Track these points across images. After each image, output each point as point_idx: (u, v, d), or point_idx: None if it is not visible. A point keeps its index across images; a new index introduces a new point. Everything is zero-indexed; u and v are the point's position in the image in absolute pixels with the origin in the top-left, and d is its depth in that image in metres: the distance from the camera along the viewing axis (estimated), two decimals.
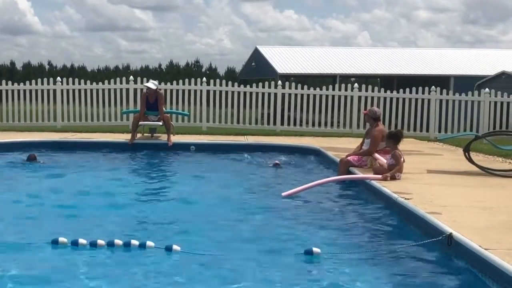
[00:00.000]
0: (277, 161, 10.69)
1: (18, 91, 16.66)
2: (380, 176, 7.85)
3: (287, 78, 30.80)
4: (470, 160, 9.14)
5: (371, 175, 8.05)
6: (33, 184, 8.67)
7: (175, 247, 5.05)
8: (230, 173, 10.03)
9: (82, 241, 5.13)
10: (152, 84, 13.14)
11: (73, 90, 16.73)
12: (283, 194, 7.65)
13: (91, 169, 10.15)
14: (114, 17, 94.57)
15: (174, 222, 6.39)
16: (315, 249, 5.05)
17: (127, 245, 5.10)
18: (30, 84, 16.74)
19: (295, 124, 16.99)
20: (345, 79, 33.34)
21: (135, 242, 5.12)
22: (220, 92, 16.97)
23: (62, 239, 5.15)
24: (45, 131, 14.90)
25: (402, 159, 8.10)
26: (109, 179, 9.27)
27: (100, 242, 5.11)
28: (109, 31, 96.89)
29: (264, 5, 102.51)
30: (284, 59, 35.08)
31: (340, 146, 11.95)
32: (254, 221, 6.48)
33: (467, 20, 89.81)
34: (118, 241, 5.12)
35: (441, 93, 16.77)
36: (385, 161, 8.35)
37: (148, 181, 9.56)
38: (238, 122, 16.96)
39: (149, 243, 5.12)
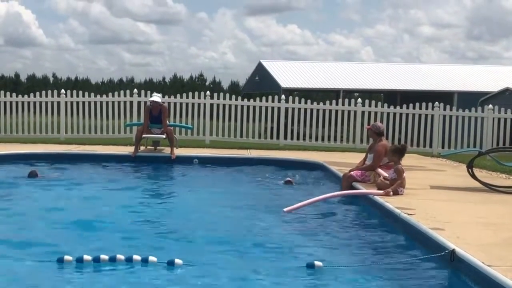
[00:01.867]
0: (289, 178, 10.27)
1: (22, 103, 16.73)
2: (382, 191, 7.84)
3: (290, 92, 30.84)
4: (473, 176, 9.12)
5: (374, 191, 8.04)
6: (34, 198, 8.64)
7: (177, 261, 5.05)
8: (232, 187, 10.01)
9: (86, 257, 5.08)
10: (157, 97, 13.20)
11: (77, 103, 16.78)
12: (285, 209, 7.60)
13: (94, 182, 10.14)
14: (118, 30, 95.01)
15: (176, 235, 6.38)
16: (317, 263, 5.04)
17: (129, 260, 5.08)
18: (34, 96, 16.81)
19: (298, 139, 17.00)
20: (349, 94, 33.38)
21: (137, 257, 5.10)
22: (224, 105, 17.01)
23: (67, 257, 5.07)
24: (49, 143, 14.94)
25: (404, 174, 8.08)
26: (111, 192, 9.28)
27: (103, 257, 5.08)
28: (113, 44, 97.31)
29: (267, 20, 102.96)
30: (287, 74, 35.16)
31: (343, 161, 11.94)
32: (256, 235, 6.47)
33: (470, 36, 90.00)
34: (120, 256, 5.10)
35: (444, 109, 16.79)
36: (387, 175, 8.34)
37: (150, 194, 9.56)
38: (241, 136, 16.98)
39: (152, 258, 5.11)
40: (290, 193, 9.21)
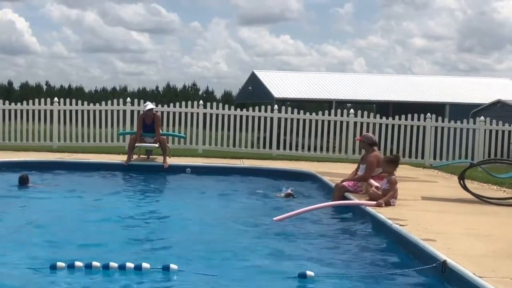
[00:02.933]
0: (290, 191, 9.86)
1: (15, 110, 16.70)
2: (374, 202, 7.85)
3: (283, 102, 30.89)
4: (464, 187, 9.17)
5: (366, 201, 8.05)
6: (26, 206, 8.63)
7: (172, 266, 5.05)
8: (225, 197, 10.01)
9: (78, 263, 5.10)
10: (151, 104, 13.39)
11: (70, 111, 16.76)
12: (275, 219, 7.60)
13: (86, 190, 10.12)
14: (111, 39, 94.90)
15: (168, 244, 6.38)
16: (309, 273, 5.06)
17: (122, 267, 5.08)
18: (27, 104, 16.78)
19: (291, 149, 17.04)
20: (341, 104, 33.49)
21: (130, 264, 5.11)
22: (217, 115, 17.03)
23: (60, 264, 5.09)
24: (42, 151, 14.90)
25: (397, 185, 8.10)
26: (104, 200, 9.26)
27: (95, 264, 5.09)
28: (106, 52, 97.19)
29: (260, 30, 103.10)
30: (280, 84, 35.27)
31: (336, 171, 11.97)
32: (247, 245, 6.46)
33: (462, 48, 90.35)
34: (113, 264, 5.10)
35: (436, 120, 16.88)
36: (379, 186, 8.35)
37: (143, 203, 9.53)
38: (234, 145, 16.99)
39: (145, 264, 5.11)
40: (288, 204, 9.04)
